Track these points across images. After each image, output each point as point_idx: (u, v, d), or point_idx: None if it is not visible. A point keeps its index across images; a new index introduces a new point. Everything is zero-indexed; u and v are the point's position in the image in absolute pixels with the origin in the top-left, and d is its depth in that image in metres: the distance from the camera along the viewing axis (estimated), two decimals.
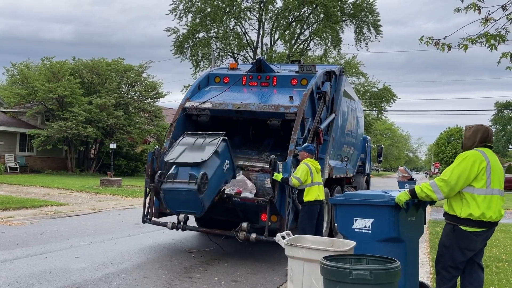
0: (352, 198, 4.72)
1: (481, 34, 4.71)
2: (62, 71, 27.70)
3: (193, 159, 6.76)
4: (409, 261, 4.56)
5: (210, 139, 7.26)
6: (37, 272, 6.07)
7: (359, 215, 4.55)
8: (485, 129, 4.32)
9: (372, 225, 4.46)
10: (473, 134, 4.30)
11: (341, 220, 4.68)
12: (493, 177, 4.09)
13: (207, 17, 32.85)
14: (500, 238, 9.98)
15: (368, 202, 4.54)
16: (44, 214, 11.53)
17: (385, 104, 44.62)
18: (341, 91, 9.95)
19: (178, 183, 6.54)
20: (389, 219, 4.38)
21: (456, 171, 4.04)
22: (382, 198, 4.50)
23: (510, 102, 78.16)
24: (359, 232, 4.51)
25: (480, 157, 4.08)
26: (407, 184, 19.28)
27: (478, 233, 4.07)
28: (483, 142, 4.25)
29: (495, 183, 4.09)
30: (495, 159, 4.19)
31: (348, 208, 4.64)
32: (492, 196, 4.07)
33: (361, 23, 34.60)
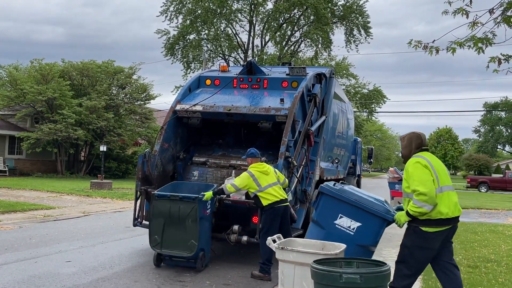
0: (349, 195, 4.60)
1: (469, 38, 4.77)
2: (52, 73, 27.49)
3: (180, 248, 6.49)
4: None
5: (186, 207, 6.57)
6: (26, 277, 6.01)
7: (347, 214, 4.52)
8: (417, 135, 4.57)
9: (358, 229, 4.47)
10: (408, 142, 4.54)
11: (324, 210, 4.63)
12: (439, 175, 4.33)
13: (198, 19, 32.81)
14: (489, 239, 10.08)
15: (364, 206, 4.50)
16: (33, 218, 11.43)
17: (376, 105, 44.90)
18: (331, 93, 10.00)
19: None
20: (376, 230, 4.43)
21: (421, 180, 4.21)
22: (380, 209, 4.48)
23: (499, 103, 78.99)
24: (339, 229, 4.51)
25: (423, 161, 4.31)
26: (397, 185, 19.38)
27: (438, 232, 4.24)
28: (419, 147, 4.50)
29: (443, 181, 4.32)
30: (435, 159, 4.45)
31: (337, 202, 4.56)
32: (443, 193, 4.27)
33: (351, 25, 34.79)
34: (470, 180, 37.52)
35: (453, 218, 4.32)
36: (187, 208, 6.48)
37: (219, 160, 8.44)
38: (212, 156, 8.60)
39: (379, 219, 4.43)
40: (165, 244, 6.53)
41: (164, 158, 8.14)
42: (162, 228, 6.55)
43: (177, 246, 6.48)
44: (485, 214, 16.65)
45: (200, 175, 8.37)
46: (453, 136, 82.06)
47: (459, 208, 4.41)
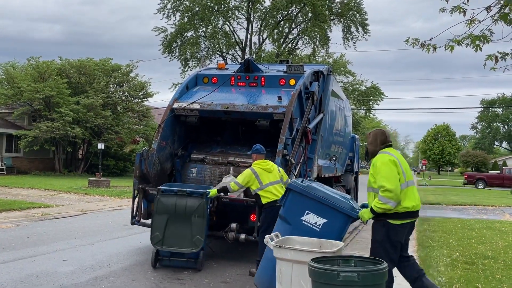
0: (316, 192, 4.66)
1: (466, 36, 4.77)
2: (49, 71, 27.41)
3: (184, 245, 6.45)
4: None
5: (193, 202, 6.56)
6: (24, 276, 6.00)
7: (314, 211, 4.60)
8: (382, 132, 4.78)
9: (323, 225, 4.56)
10: (374, 139, 4.73)
11: (291, 206, 4.70)
12: (405, 170, 4.53)
13: (195, 16, 32.73)
14: (486, 235, 10.11)
15: (330, 203, 4.58)
16: (31, 216, 11.41)
17: (373, 102, 44.94)
18: (329, 91, 9.99)
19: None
20: (341, 226, 4.54)
21: (387, 176, 4.36)
22: (345, 206, 4.58)
23: (496, 99, 79.13)
24: (305, 225, 4.59)
25: (390, 157, 4.49)
26: None
27: (404, 225, 4.45)
28: (383, 143, 4.68)
29: (408, 176, 4.52)
30: (399, 155, 4.66)
31: (305, 199, 4.63)
32: (409, 187, 4.48)
33: (349, 22, 34.76)
34: (468, 177, 37.62)
35: (416, 211, 4.54)
36: (194, 203, 6.45)
37: (217, 157, 8.45)
38: (210, 153, 8.60)
39: (344, 216, 4.54)
40: (167, 241, 6.45)
41: (161, 156, 8.14)
42: (165, 225, 6.48)
43: (181, 243, 6.43)
44: (482, 211, 16.70)
45: (198, 172, 8.37)
46: (450, 132, 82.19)
47: (420, 201, 4.66)
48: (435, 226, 11.47)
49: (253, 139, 8.70)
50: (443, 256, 7.69)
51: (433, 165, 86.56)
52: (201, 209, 6.47)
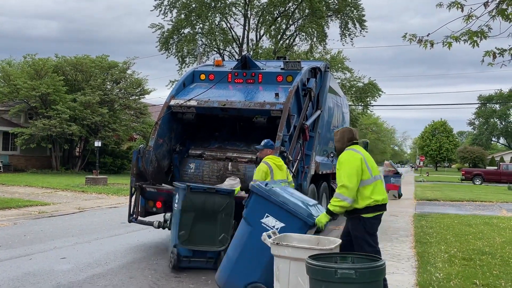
0: (276, 197, 4.75)
1: (464, 32, 4.75)
2: (45, 68, 27.31)
3: (208, 243, 6.32)
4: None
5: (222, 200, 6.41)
6: (21, 274, 5.98)
7: (273, 214, 4.69)
8: (349, 130, 4.95)
9: (281, 229, 4.64)
10: (341, 136, 4.90)
11: (253, 208, 4.81)
12: (371, 165, 4.68)
13: (192, 13, 32.62)
14: (484, 231, 10.12)
15: (288, 208, 4.67)
16: (28, 214, 11.37)
17: (371, 98, 44.93)
18: (326, 87, 9.98)
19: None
20: (298, 232, 4.59)
21: (348, 173, 4.54)
22: (303, 212, 4.66)
23: (493, 95, 79.32)
24: (264, 228, 4.69)
25: (355, 154, 4.66)
26: (392, 178, 19.47)
27: (377, 216, 4.64)
28: (350, 141, 4.84)
29: (375, 171, 4.69)
30: (365, 152, 4.81)
31: (266, 202, 4.72)
32: (376, 182, 4.65)
33: (346, 18, 34.70)
34: (465, 173, 37.69)
35: (385, 205, 4.72)
36: (223, 201, 6.37)
37: (215, 153, 8.44)
38: (208, 148, 8.60)
39: (301, 221, 4.62)
40: (193, 239, 6.29)
41: (159, 153, 8.11)
42: (191, 222, 6.30)
43: (205, 241, 6.31)
44: (480, 207, 16.73)
45: (196, 167, 8.36)
46: (448, 128, 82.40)
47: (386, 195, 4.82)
48: (433, 222, 11.48)
49: (250, 136, 8.69)
50: (440, 252, 7.70)
51: (430, 161, 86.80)
52: (229, 207, 6.40)
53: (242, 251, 4.80)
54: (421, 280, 5.90)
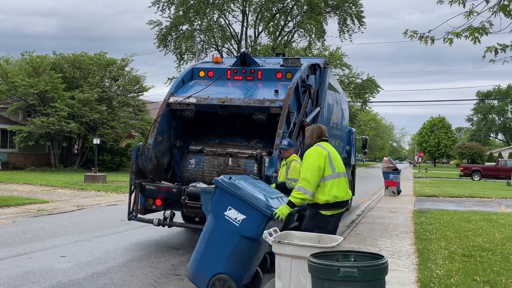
0: (237, 189, 4.85)
1: (466, 28, 4.73)
2: (43, 65, 27.20)
3: None
4: (259, 259, 5.11)
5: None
6: (21, 273, 5.96)
7: (235, 207, 4.80)
8: (318, 127, 5.16)
9: (242, 221, 4.75)
10: (311, 133, 5.10)
11: (217, 201, 4.94)
12: (335, 163, 4.88)
13: (190, 9, 32.54)
14: (483, 227, 10.13)
15: (248, 201, 4.77)
16: (27, 212, 11.35)
17: (369, 95, 44.92)
18: (326, 84, 9.94)
19: None
20: (258, 223, 4.70)
21: (310, 167, 4.72)
22: (261, 204, 4.74)
23: (491, 91, 79.32)
24: (227, 220, 4.82)
25: (321, 150, 4.85)
26: (391, 175, 19.48)
27: (334, 215, 4.83)
28: (319, 137, 5.04)
29: (338, 168, 4.88)
30: (332, 149, 5.03)
31: (228, 195, 4.85)
32: (340, 178, 4.86)
33: (345, 14, 34.66)
34: (464, 169, 37.76)
35: (345, 201, 4.88)
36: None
37: (215, 148, 8.43)
38: (208, 144, 8.58)
39: (260, 213, 4.71)
40: None
41: (158, 151, 8.08)
42: None
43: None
44: (479, 203, 16.74)
45: (196, 163, 8.35)
46: (446, 125, 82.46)
47: (349, 193, 5.01)
48: (432, 218, 11.49)
49: (249, 133, 8.66)
50: (440, 248, 7.69)
51: (429, 157, 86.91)
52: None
53: (208, 244, 4.95)
54: (421, 277, 5.89)
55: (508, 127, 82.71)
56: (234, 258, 4.78)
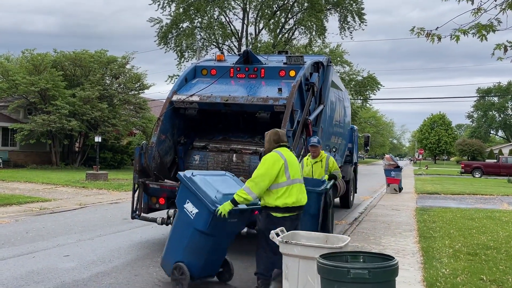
0: (192, 185, 5.14)
1: (474, 25, 4.69)
2: (44, 63, 27.12)
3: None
4: (215, 251, 5.41)
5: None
6: (25, 273, 5.94)
7: (191, 200, 5.16)
8: (275, 132, 5.24)
9: (196, 215, 5.09)
10: (268, 138, 5.22)
11: (179, 194, 5.32)
12: (291, 170, 4.99)
13: (191, 7, 32.46)
14: (487, 225, 10.11)
15: (199, 196, 5.07)
16: (29, 211, 11.32)
17: (370, 92, 44.84)
18: (329, 82, 9.90)
19: None
20: (206, 218, 5.01)
21: (263, 173, 4.88)
22: (207, 200, 5.02)
23: (492, 88, 79.23)
24: (185, 213, 5.19)
25: (278, 157, 4.97)
26: (393, 172, 19.44)
27: (285, 217, 4.92)
28: (277, 142, 5.16)
29: (294, 174, 5.01)
30: (290, 154, 5.14)
31: (187, 190, 5.21)
32: (294, 185, 4.98)
33: (345, 11, 34.58)
34: (464, 166, 37.72)
35: (297, 207, 5.00)
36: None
37: (219, 144, 8.42)
38: (212, 140, 8.57)
39: (206, 208, 5.01)
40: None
41: (161, 149, 8.05)
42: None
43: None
44: (481, 200, 16.72)
45: (201, 159, 8.34)
46: (446, 122, 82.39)
47: (305, 198, 5.15)
48: (435, 216, 11.47)
49: (253, 130, 8.63)
50: (445, 247, 7.67)
51: (429, 154, 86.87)
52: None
53: (172, 233, 5.39)
54: (427, 276, 5.87)
55: (508, 124, 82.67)
56: (190, 249, 5.18)
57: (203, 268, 5.32)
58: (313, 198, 6.12)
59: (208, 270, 5.43)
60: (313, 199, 6.12)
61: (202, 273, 5.36)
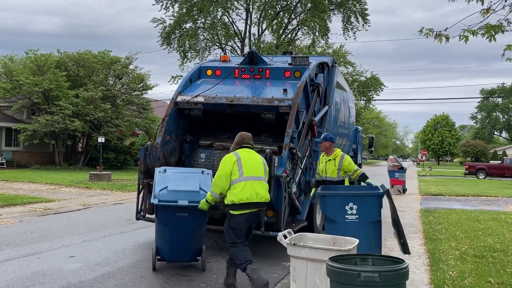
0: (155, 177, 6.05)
1: (483, 26, 4.65)
2: (47, 64, 27.16)
3: None
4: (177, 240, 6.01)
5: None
6: (30, 273, 5.92)
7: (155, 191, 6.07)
8: (240, 135, 5.74)
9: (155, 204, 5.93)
10: (234, 141, 5.76)
11: (156, 185, 6.19)
12: (245, 168, 5.37)
13: (194, 7, 32.44)
14: (493, 227, 10.05)
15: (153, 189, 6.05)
16: (33, 211, 11.32)
17: (373, 93, 44.76)
18: (334, 83, 9.87)
19: None
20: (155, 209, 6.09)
21: (218, 173, 5.43)
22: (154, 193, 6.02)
23: (496, 89, 78.91)
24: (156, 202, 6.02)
25: (232, 157, 5.45)
26: (397, 173, 19.38)
27: (240, 215, 5.31)
28: (239, 144, 5.65)
29: (247, 172, 5.37)
30: (247, 154, 5.53)
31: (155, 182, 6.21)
32: (246, 182, 5.32)
33: (349, 12, 34.50)
34: (468, 167, 37.55)
35: (252, 203, 5.31)
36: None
37: (225, 143, 8.38)
38: (218, 138, 8.54)
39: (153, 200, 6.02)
40: None
41: (166, 150, 8.04)
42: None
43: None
44: (486, 202, 16.64)
45: (207, 157, 8.33)
46: (450, 123, 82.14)
47: (261, 195, 5.40)
48: (440, 218, 11.41)
49: (258, 130, 8.60)
50: (451, 249, 7.62)
51: (432, 155, 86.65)
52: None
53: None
54: (434, 278, 5.83)
55: None
56: (157, 234, 6.23)
57: (169, 253, 6.08)
58: (373, 202, 5.76)
59: (176, 255, 6.13)
60: (373, 204, 5.75)
61: (171, 257, 6.13)
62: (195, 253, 6.23)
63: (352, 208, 5.55)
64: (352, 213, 5.55)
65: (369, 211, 5.34)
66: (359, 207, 5.56)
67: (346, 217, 5.57)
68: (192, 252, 6.20)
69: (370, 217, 5.59)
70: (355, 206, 5.56)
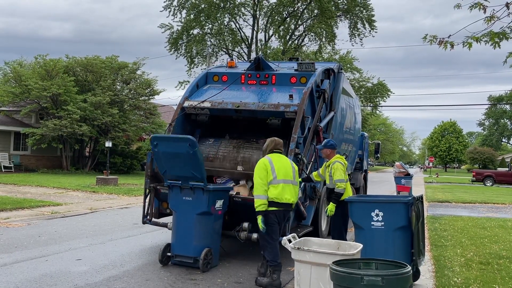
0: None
1: (486, 33, 4.69)
2: (56, 69, 27.43)
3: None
4: (183, 226, 6.55)
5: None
6: (38, 276, 6.00)
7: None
8: (271, 140, 6.28)
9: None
10: (266, 146, 6.30)
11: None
12: (278, 171, 5.94)
13: (201, 13, 32.66)
14: (499, 234, 10.01)
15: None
16: (41, 215, 11.43)
17: (380, 99, 44.71)
18: (339, 89, 9.92)
19: None
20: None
21: (256, 176, 5.94)
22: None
23: (504, 96, 78.49)
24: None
25: (266, 161, 5.99)
26: (403, 180, 19.32)
27: (273, 211, 5.86)
28: (271, 150, 6.19)
29: (280, 176, 5.93)
30: (278, 159, 6.07)
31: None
32: (278, 184, 5.89)
33: (356, 18, 34.56)
34: (476, 174, 37.30)
35: (281, 203, 5.88)
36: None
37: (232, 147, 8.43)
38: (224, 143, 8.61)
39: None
40: None
41: None
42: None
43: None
44: (492, 209, 16.56)
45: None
46: (457, 129, 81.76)
47: (290, 197, 5.95)
48: (446, 224, 11.38)
49: (263, 137, 8.65)
50: (457, 255, 7.62)
51: (439, 162, 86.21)
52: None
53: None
54: (439, 284, 5.84)
55: None
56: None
57: (174, 245, 6.57)
58: (399, 209, 5.57)
59: (180, 248, 6.52)
60: (399, 211, 5.56)
61: (175, 250, 6.57)
62: (198, 249, 6.46)
63: (378, 214, 5.49)
64: (378, 220, 5.49)
65: (395, 218, 5.25)
66: (385, 213, 5.49)
67: (372, 224, 5.52)
68: (193, 246, 6.48)
69: (396, 224, 5.46)
70: (380, 213, 5.50)
